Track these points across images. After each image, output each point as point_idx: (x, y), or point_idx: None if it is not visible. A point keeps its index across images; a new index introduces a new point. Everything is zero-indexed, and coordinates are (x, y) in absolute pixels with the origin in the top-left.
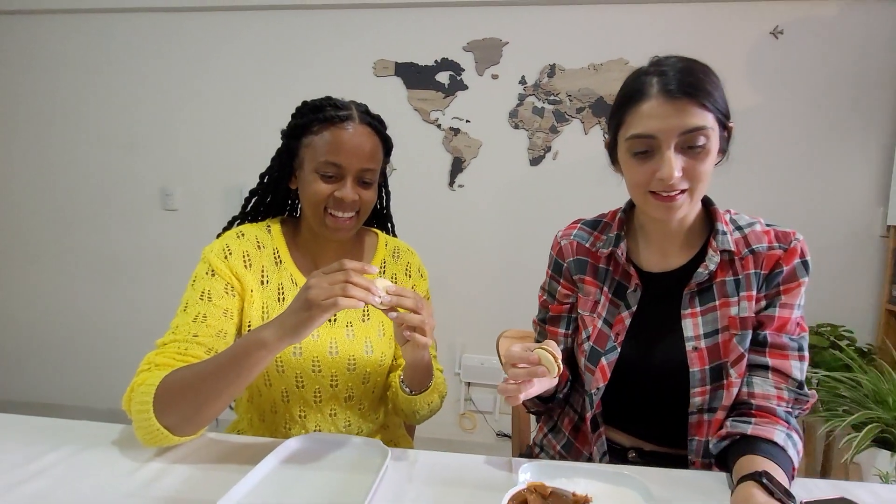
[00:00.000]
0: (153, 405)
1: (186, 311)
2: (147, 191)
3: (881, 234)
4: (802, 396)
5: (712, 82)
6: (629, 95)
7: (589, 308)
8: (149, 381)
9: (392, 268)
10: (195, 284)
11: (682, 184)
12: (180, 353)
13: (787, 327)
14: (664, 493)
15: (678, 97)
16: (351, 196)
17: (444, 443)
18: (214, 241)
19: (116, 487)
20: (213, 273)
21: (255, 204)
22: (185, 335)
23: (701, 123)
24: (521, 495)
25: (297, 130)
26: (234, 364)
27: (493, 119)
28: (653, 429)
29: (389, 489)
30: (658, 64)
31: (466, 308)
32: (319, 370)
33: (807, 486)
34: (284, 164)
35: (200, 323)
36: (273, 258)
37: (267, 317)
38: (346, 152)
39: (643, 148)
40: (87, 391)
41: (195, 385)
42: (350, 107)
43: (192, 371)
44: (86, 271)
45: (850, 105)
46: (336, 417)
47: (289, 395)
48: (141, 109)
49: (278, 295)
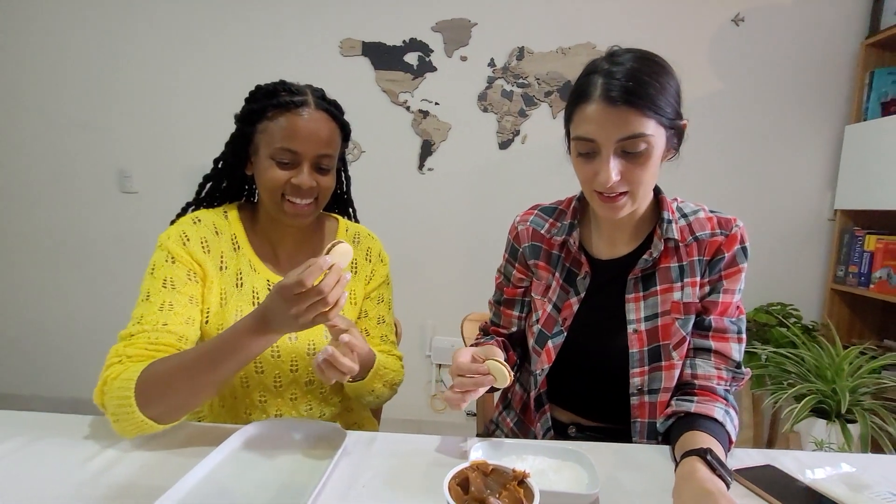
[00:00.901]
0: (135, 398)
1: (150, 300)
2: (104, 172)
3: (829, 218)
4: (739, 374)
5: (659, 85)
6: (577, 93)
7: (541, 292)
8: (125, 375)
9: (352, 253)
10: (155, 273)
11: (621, 187)
12: (151, 343)
13: (728, 311)
14: (608, 466)
15: (618, 105)
16: (308, 183)
17: (415, 423)
18: (170, 228)
19: (69, 477)
20: (174, 260)
21: (210, 189)
22: (153, 324)
23: (639, 131)
24: (464, 473)
25: (250, 116)
26: (227, 353)
27: (462, 102)
28: (596, 407)
29: (346, 470)
30: (611, 59)
31: (436, 291)
32: (279, 356)
33: (738, 456)
34: (239, 149)
35: (168, 311)
36: (231, 244)
37: (225, 303)
38: (302, 139)
39: (586, 150)
40: (43, 380)
41: (183, 377)
42: (305, 91)
43: (179, 362)
44: (40, 256)
45: (805, 92)
46: (297, 402)
47: (248, 381)
48: (96, 87)
49: (237, 281)
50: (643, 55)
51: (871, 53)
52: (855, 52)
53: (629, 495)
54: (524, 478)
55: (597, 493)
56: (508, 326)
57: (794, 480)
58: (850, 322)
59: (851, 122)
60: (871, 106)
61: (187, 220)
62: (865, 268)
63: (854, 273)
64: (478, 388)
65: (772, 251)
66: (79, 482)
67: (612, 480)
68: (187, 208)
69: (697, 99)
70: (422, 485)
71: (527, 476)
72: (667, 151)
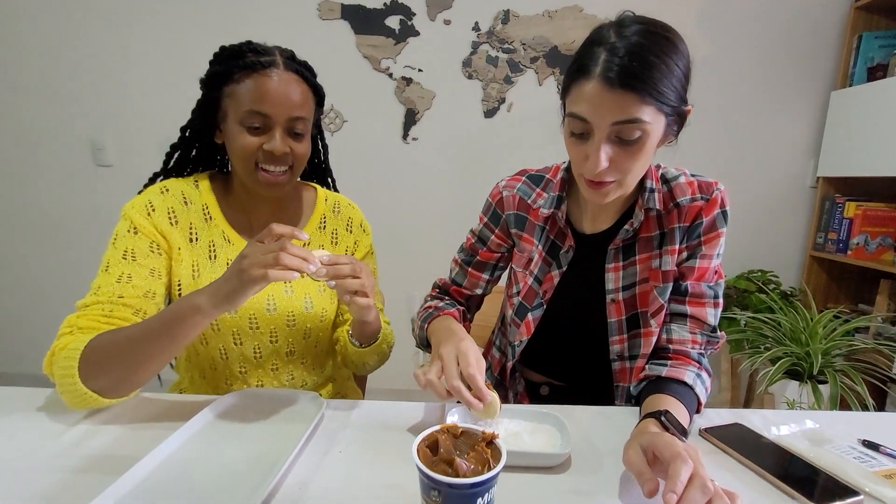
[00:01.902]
0: (79, 369)
1: (108, 271)
2: (75, 145)
3: (811, 185)
4: (713, 338)
5: (666, 68)
6: (577, 66)
7: (522, 265)
8: (72, 346)
9: (332, 223)
10: (116, 243)
11: (610, 175)
12: (105, 316)
13: (705, 276)
14: (583, 428)
15: (616, 88)
16: (281, 148)
17: (402, 392)
18: (136, 198)
19: (41, 449)
20: (136, 231)
21: (178, 159)
22: (108, 296)
23: (636, 116)
24: (434, 436)
25: (216, 79)
26: (167, 328)
27: (446, 68)
28: (571, 372)
29: (324, 437)
30: (619, 30)
31: (421, 261)
32: (257, 327)
33: (708, 416)
34: (206, 116)
35: (125, 283)
36: (202, 214)
37: (198, 275)
38: (272, 101)
39: (579, 130)
40: (18, 355)
41: (126, 349)
42: (273, 52)
43: (123, 335)
44: (12, 230)
45: (792, 57)
46: (279, 372)
47: (227, 353)
48: (62, 55)
49: (210, 253)
50: (654, 29)
51: (860, 17)
52: (844, 15)
53: (600, 454)
54: (493, 439)
55: (568, 452)
56: (472, 289)
57: (759, 437)
58: (828, 288)
59: (837, 88)
60: (858, 71)
61: (154, 190)
62: (844, 234)
63: (833, 240)
64: (467, 406)
65: (754, 219)
66: (52, 454)
67: (585, 441)
68: (155, 179)
69: None
70: (398, 450)
71: (495, 437)
72: (664, 137)
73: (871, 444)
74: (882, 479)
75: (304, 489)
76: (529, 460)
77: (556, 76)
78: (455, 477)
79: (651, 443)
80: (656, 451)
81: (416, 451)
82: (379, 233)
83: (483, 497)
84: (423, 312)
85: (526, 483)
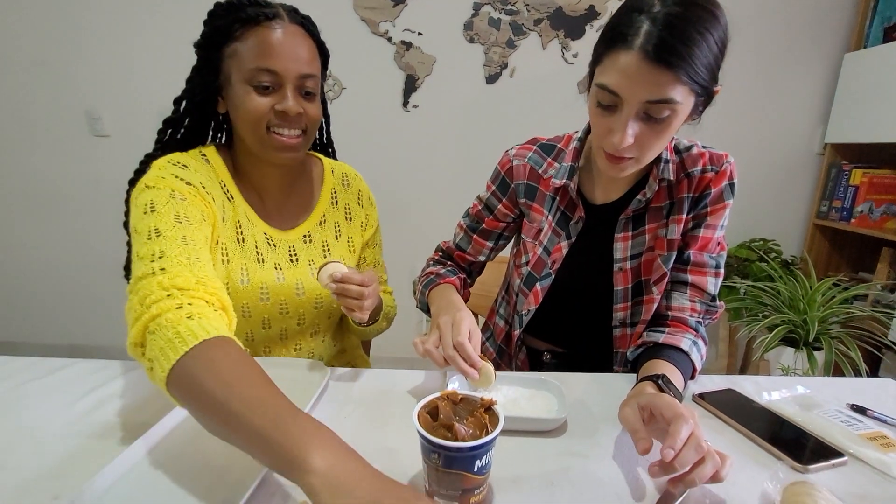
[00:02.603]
0: (168, 376)
1: (163, 235)
2: (71, 115)
3: (818, 152)
4: (712, 307)
5: (707, 47)
6: (615, 33)
7: (532, 235)
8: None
9: (343, 197)
10: (161, 209)
11: (631, 151)
12: (196, 277)
13: (708, 246)
14: (580, 394)
15: (654, 64)
16: (295, 108)
17: (406, 361)
18: (155, 171)
19: (56, 417)
20: (183, 197)
21: (173, 134)
22: (186, 256)
23: (669, 96)
24: (434, 402)
25: (214, 39)
26: (258, 435)
27: (446, 32)
28: (574, 338)
29: (330, 403)
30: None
31: (424, 231)
32: (287, 311)
33: (702, 382)
34: (207, 83)
35: (191, 245)
36: (223, 192)
37: (228, 260)
38: (281, 55)
39: (607, 101)
40: (23, 325)
41: (214, 403)
42: (273, 4)
43: (223, 392)
44: (12, 202)
45: (805, 19)
46: (300, 350)
47: (254, 336)
48: (52, 21)
49: (237, 235)
50: (700, 2)
51: None
52: None
53: (595, 419)
54: (491, 405)
55: (564, 417)
56: (476, 255)
57: (751, 402)
58: (829, 255)
59: (851, 50)
60: (874, 32)
61: (168, 165)
62: (848, 202)
63: (837, 208)
64: (462, 373)
65: (758, 186)
66: (67, 421)
67: (581, 406)
68: (148, 160)
69: None
70: (401, 415)
71: (493, 403)
72: (689, 116)
73: (860, 408)
74: (866, 441)
75: None
76: (527, 425)
77: (560, 39)
78: (454, 441)
79: (650, 402)
80: (655, 410)
81: (417, 417)
82: (380, 202)
83: (481, 460)
84: (425, 278)
85: (524, 446)
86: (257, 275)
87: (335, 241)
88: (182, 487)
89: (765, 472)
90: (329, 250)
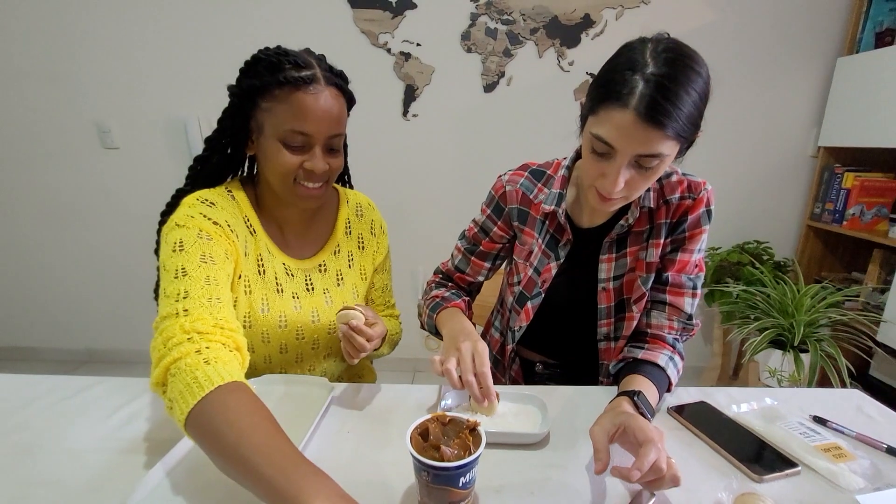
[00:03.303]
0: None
1: (189, 275)
2: (81, 128)
3: (812, 154)
4: (689, 326)
5: (692, 104)
6: (611, 89)
7: (523, 257)
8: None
9: (357, 227)
10: (189, 249)
11: (620, 193)
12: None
13: (686, 269)
14: (563, 408)
15: (646, 123)
16: (322, 167)
17: (410, 362)
18: (184, 209)
19: (93, 432)
20: (209, 237)
21: (201, 171)
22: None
23: (659, 151)
24: (425, 424)
25: (252, 92)
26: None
27: (444, 42)
28: (562, 350)
29: (334, 417)
30: (656, 59)
31: (426, 237)
32: (303, 337)
33: (678, 394)
34: (237, 128)
35: (215, 286)
36: (246, 227)
37: (250, 292)
38: (315, 120)
39: (601, 150)
40: (41, 331)
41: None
42: (312, 64)
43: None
44: (28, 214)
45: (799, 22)
46: (314, 370)
47: (271, 359)
48: (62, 36)
49: (259, 268)
50: (687, 63)
51: None
52: None
53: (577, 432)
54: (475, 426)
55: (546, 432)
56: (475, 276)
57: (720, 414)
58: (822, 257)
59: (844, 55)
60: (866, 37)
61: (197, 204)
62: (841, 205)
63: (830, 210)
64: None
65: (753, 188)
66: (101, 437)
67: (564, 420)
68: (180, 195)
69: (690, 31)
70: (400, 428)
71: (478, 425)
72: (674, 159)
73: (820, 419)
74: (820, 452)
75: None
76: (511, 439)
77: (556, 47)
78: (441, 461)
79: (625, 423)
80: (629, 430)
81: (410, 439)
82: (383, 211)
83: (465, 476)
84: (431, 301)
85: (508, 459)
86: (276, 304)
87: (348, 269)
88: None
89: (723, 482)
90: (343, 279)
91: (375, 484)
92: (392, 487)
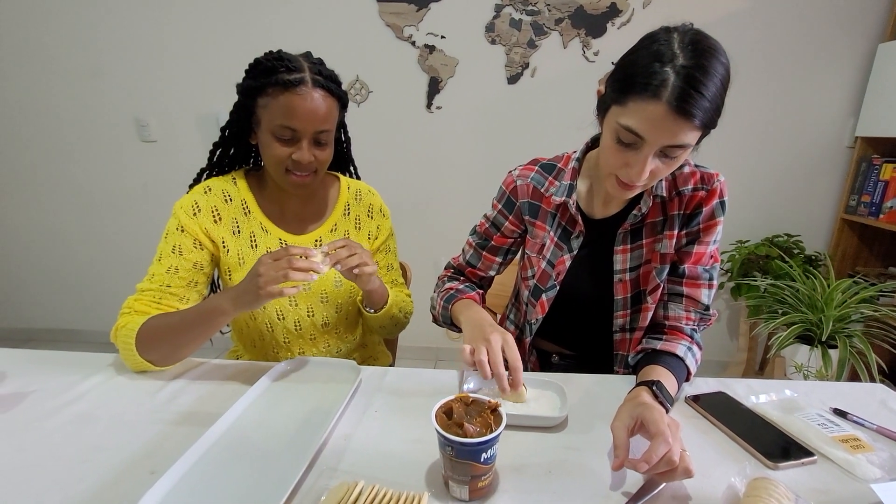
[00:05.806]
0: (136, 345)
1: (161, 261)
2: (121, 122)
3: (848, 145)
4: (706, 316)
5: (718, 96)
6: (642, 81)
7: (536, 250)
8: (129, 325)
9: (355, 210)
10: (167, 238)
11: (644, 181)
12: (155, 302)
13: (702, 260)
14: (582, 394)
15: (680, 117)
16: (307, 158)
17: (432, 351)
18: (184, 197)
19: (143, 405)
20: (183, 229)
21: (220, 155)
22: (159, 285)
23: (687, 142)
24: (449, 404)
25: (251, 91)
26: (199, 322)
27: (469, 34)
28: (578, 341)
29: (361, 399)
30: (689, 52)
31: (448, 228)
32: (296, 304)
33: (696, 384)
34: (242, 120)
35: (173, 274)
36: (242, 209)
37: (243, 263)
38: (301, 117)
39: (629, 140)
40: (76, 317)
41: (169, 334)
42: (303, 68)
43: (167, 322)
44: (71, 204)
45: (836, 12)
46: (316, 341)
47: (272, 326)
48: (104, 34)
49: (251, 242)
50: (713, 53)
51: None
52: None
53: (592, 418)
54: (496, 407)
55: (564, 416)
56: (486, 271)
57: (738, 405)
58: (857, 251)
59: (885, 41)
60: None
61: (199, 190)
62: (878, 197)
63: (866, 203)
64: (501, 389)
65: (786, 179)
66: (151, 409)
67: (581, 406)
68: (201, 175)
69: (722, 19)
70: (423, 410)
71: (498, 406)
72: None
73: (840, 412)
74: (838, 443)
75: (347, 441)
76: (531, 422)
77: (581, 37)
78: (464, 437)
79: (642, 415)
80: (645, 423)
81: (435, 416)
82: (405, 202)
83: (486, 452)
84: (444, 293)
85: (528, 439)
86: None
87: None
88: (245, 467)
89: (737, 467)
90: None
91: (403, 459)
92: (419, 462)
